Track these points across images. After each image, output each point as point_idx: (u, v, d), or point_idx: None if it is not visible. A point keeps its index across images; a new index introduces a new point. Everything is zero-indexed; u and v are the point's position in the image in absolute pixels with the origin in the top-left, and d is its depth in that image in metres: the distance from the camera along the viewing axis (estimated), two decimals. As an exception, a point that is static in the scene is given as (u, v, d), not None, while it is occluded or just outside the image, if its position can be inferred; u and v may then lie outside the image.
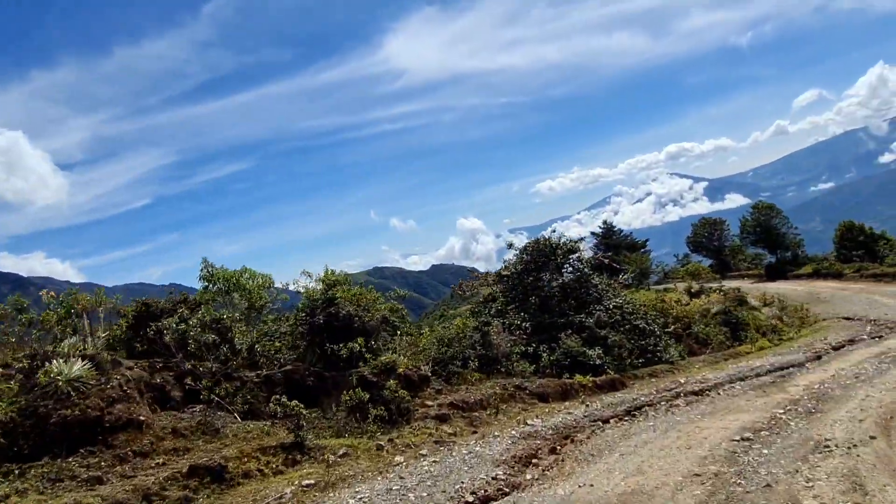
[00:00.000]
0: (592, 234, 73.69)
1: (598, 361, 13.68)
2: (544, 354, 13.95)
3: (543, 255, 16.37)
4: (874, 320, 21.48)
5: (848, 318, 23.35)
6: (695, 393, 11.59)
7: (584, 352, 13.79)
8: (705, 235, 61.61)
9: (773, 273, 47.10)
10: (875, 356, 13.90)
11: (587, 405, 10.97)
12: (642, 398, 11.29)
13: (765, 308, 31.24)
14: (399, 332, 14.03)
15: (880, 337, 17.76)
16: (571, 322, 14.96)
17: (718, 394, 11.42)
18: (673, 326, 19.41)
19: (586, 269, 16.89)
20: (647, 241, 73.00)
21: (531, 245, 16.85)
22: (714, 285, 39.41)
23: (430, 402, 10.02)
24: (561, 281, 16.38)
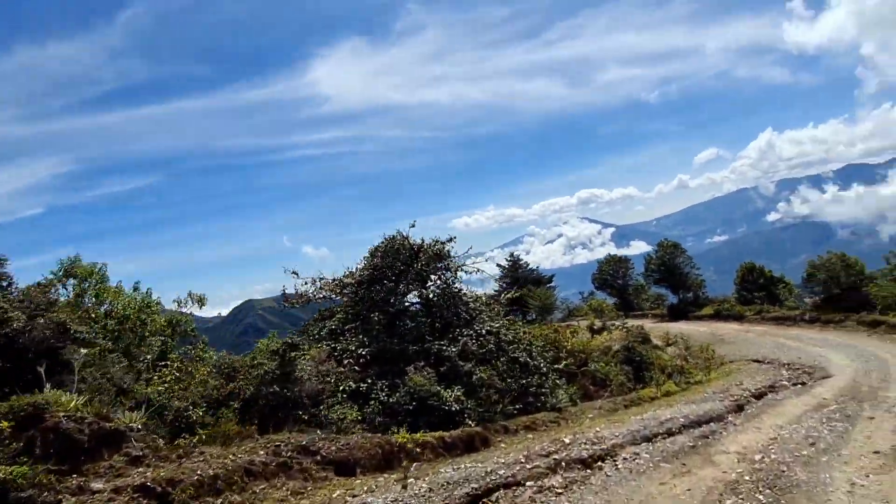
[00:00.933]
0: (498, 266, 71.36)
1: (454, 406, 9.59)
2: (380, 395, 9.68)
3: (400, 260, 12.28)
4: (788, 364, 18.93)
5: (758, 361, 20.78)
6: (582, 462, 7.75)
7: (437, 392, 9.65)
8: (610, 273, 60.25)
9: (676, 313, 45.66)
10: (814, 409, 10.76)
11: (409, 484, 6.75)
12: (501, 471, 7.27)
13: (669, 348, 28.79)
14: (168, 357, 9.35)
15: (803, 384, 14.91)
16: (428, 350, 10.85)
17: (616, 466, 7.63)
18: (565, 362, 15.78)
19: (456, 282, 12.91)
20: (552, 276, 71.36)
21: (384, 245, 12.63)
22: (617, 322, 36.97)
23: (97, 485, 5.50)
24: (422, 295, 12.32)
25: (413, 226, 12.48)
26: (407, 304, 12.35)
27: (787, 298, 37.84)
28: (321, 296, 12.79)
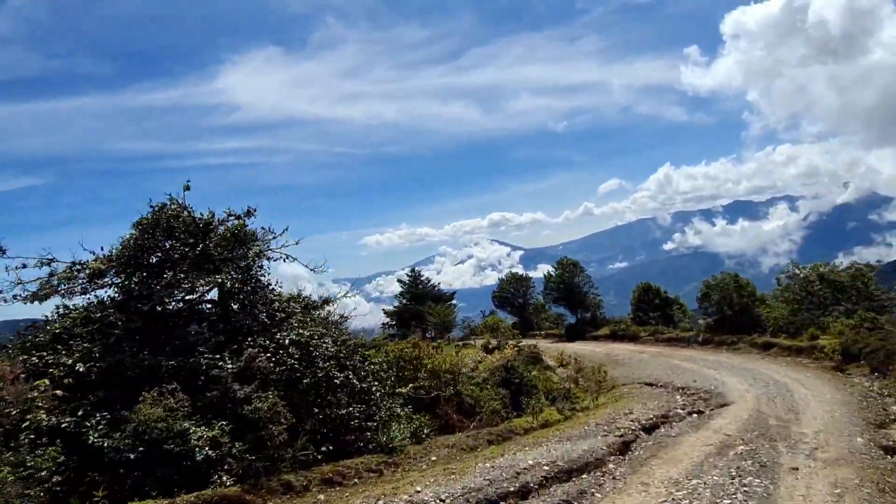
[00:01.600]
0: (399, 281, 68.09)
1: (207, 453, 6.16)
2: (91, 434, 6.11)
3: (177, 239, 8.70)
4: (681, 388, 16.88)
5: (651, 385, 18.73)
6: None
7: (182, 431, 6.20)
8: (511, 292, 58.51)
9: (573, 333, 44.22)
10: (718, 451, 8.31)
11: None
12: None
13: (560, 369, 26.64)
14: None
15: (700, 412, 12.65)
16: (195, 367, 7.39)
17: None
18: (426, 384, 12.70)
19: (263, 273, 9.48)
20: (454, 293, 68.94)
21: (151, 217, 8.89)
22: (512, 342, 34.65)
23: None
24: (220, 290, 8.82)
25: (188, 188, 8.80)
26: (191, 299, 8.84)
27: (681, 320, 37.06)
28: (77, 288, 8.95)
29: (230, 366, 7.36)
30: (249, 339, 8.17)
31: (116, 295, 8.35)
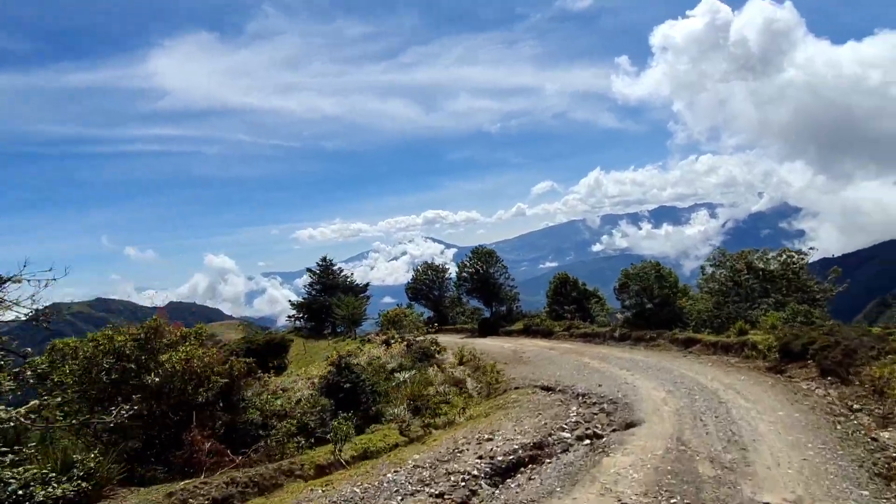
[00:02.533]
0: (309, 270, 62.37)
1: None
2: None
3: None
4: (582, 395, 12.80)
5: (548, 389, 14.64)
6: None
7: None
8: (426, 283, 54.09)
9: (486, 328, 40.17)
10: None
11: None
12: None
13: (460, 367, 22.45)
14: None
15: (594, 437, 8.43)
16: None
17: None
18: (175, 390, 7.88)
19: None
20: (367, 285, 63.89)
21: None
22: (411, 336, 30.25)
23: None
24: None
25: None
26: None
27: (598, 314, 33.61)
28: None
29: None
30: None
31: None
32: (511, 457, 7.22)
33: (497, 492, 6.04)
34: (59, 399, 6.72)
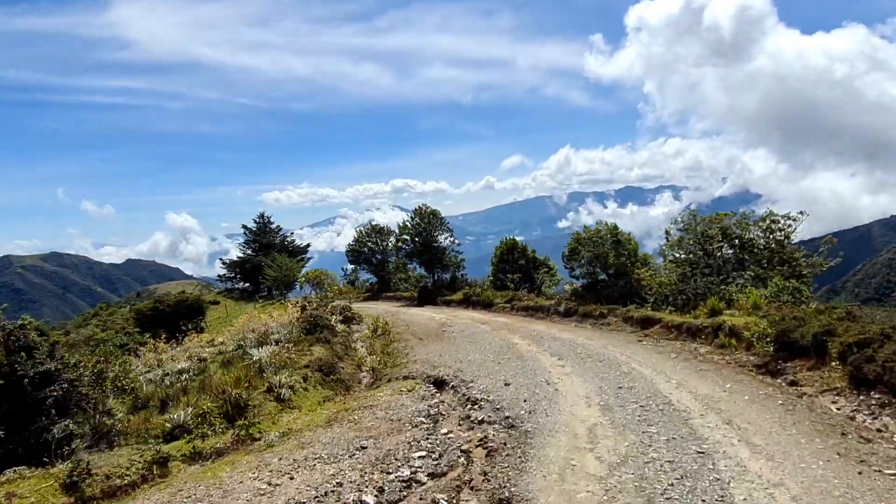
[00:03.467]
0: (243, 226, 56.56)
1: None
2: None
3: None
4: (475, 401, 8.27)
5: (438, 383, 10.01)
6: None
7: None
8: (368, 246, 49.06)
9: (425, 297, 35.59)
10: None
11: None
12: None
13: (373, 339, 18.07)
14: None
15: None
16: None
17: None
18: None
19: None
20: (307, 246, 58.50)
21: None
22: (335, 302, 25.66)
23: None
24: None
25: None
26: None
27: (547, 285, 29.18)
28: None
29: None
30: None
31: None
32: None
33: None
34: None
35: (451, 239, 37.76)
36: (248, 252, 54.40)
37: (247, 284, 52.42)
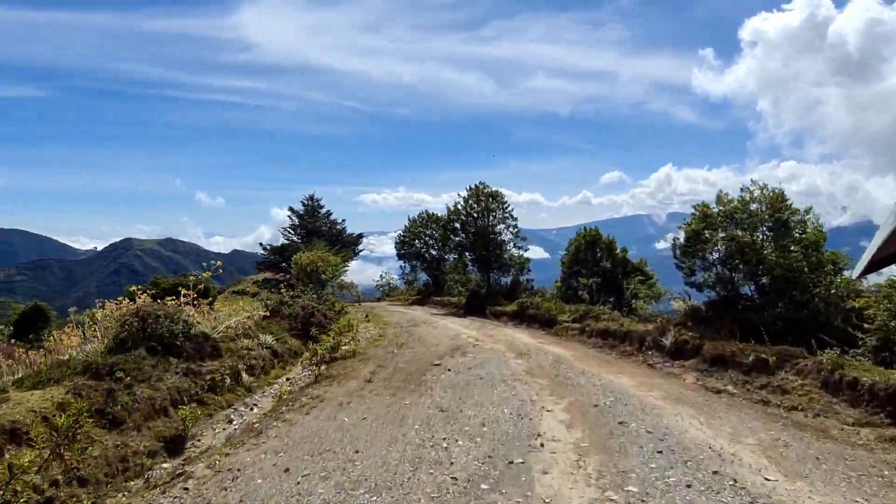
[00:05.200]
0: (290, 209, 49.45)
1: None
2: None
3: None
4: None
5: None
6: None
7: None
8: (420, 237, 40.44)
9: (474, 304, 26.54)
10: None
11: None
12: None
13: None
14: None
15: None
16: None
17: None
18: None
19: None
20: (360, 236, 50.55)
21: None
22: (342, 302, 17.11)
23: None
24: None
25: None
26: None
27: (641, 299, 19.04)
28: None
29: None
30: None
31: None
32: None
33: None
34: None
35: (514, 230, 28.08)
36: (294, 238, 47.00)
37: (286, 276, 44.99)
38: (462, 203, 28.42)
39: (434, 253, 40.10)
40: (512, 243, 28.10)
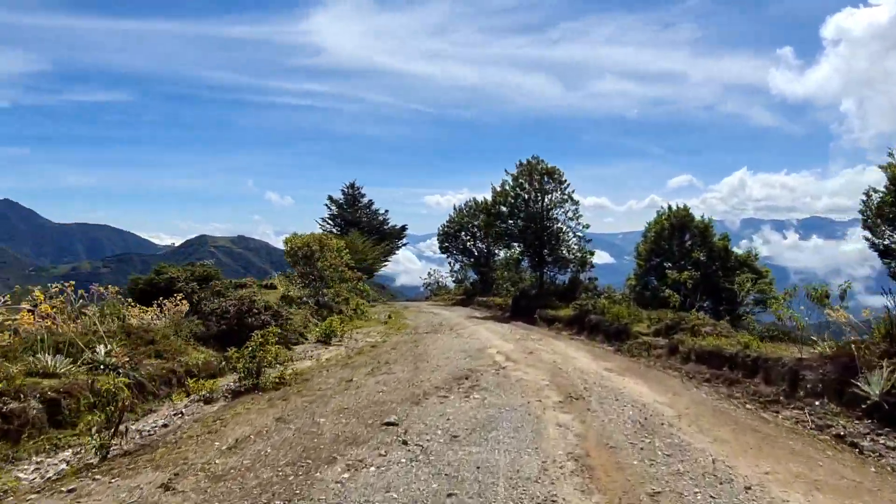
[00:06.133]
0: (329, 197, 45.25)
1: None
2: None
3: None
4: None
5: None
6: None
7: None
8: (467, 228, 35.09)
9: (520, 307, 21.44)
10: None
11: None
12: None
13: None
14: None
15: None
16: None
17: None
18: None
19: None
20: (403, 229, 45.70)
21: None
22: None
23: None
24: None
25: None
26: None
27: (756, 305, 12.94)
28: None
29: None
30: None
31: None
32: None
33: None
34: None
35: (575, 215, 22.32)
36: (332, 230, 42.54)
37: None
38: (510, 182, 22.88)
39: (482, 247, 34.67)
40: (571, 232, 22.37)
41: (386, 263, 42.95)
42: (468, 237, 34.75)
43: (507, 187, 22.84)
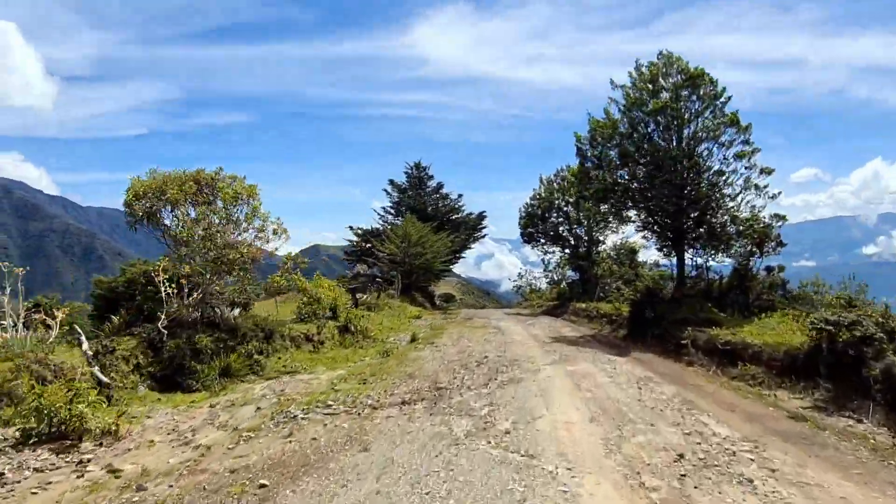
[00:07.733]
0: (391, 181, 36.48)
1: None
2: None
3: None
4: None
5: None
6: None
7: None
8: (557, 207, 24.78)
9: (643, 321, 10.71)
10: None
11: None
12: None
13: None
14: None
15: None
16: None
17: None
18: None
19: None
20: (482, 216, 35.94)
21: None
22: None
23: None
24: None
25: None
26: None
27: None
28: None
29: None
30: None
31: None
32: None
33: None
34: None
35: (746, 151, 11.73)
36: (393, 220, 33.59)
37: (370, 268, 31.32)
38: (623, 101, 12.75)
39: (580, 232, 24.39)
40: (738, 183, 11.98)
41: (458, 259, 33.65)
42: (560, 218, 24.60)
43: (621, 107, 12.69)
